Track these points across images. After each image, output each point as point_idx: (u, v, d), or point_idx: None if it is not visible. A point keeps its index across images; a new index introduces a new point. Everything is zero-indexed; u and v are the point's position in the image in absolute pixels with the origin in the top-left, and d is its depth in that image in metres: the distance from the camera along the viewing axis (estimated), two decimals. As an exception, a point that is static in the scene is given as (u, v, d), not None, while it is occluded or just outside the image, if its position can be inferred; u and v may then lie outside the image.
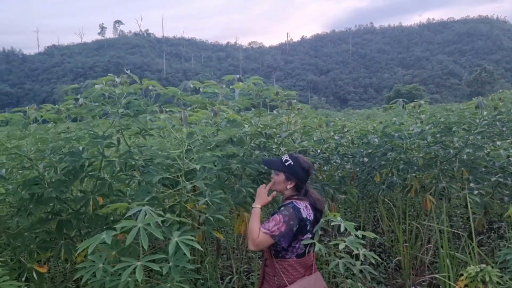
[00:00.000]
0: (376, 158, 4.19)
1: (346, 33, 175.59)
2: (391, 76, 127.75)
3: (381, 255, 5.20)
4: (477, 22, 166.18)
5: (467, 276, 2.57)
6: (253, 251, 2.56)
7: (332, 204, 4.34)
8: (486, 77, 76.54)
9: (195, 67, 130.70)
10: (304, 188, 2.65)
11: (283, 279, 2.53)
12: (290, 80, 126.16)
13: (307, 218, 2.53)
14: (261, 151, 3.37)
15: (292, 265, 2.54)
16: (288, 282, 2.52)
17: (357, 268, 2.46)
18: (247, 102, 3.23)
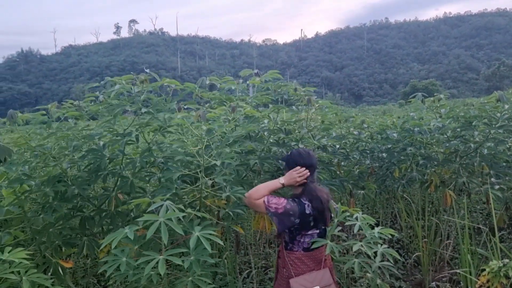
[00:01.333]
0: (395, 153, 4.15)
1: (361, 29, 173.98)
2: (406, 71, 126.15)
3: (399, 251, 5.16)
4: (495, 15, 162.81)
5: (490, 271, 2.54)
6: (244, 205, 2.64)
7: (351, 200, 4.32)
8: (505, 71, 74.98)
9: (209, 65, 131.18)
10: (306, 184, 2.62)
11: (291, 271, 2.57)
12: (304, 77, 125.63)
13: (310, 214, 2.55)
14: (280, 147, 3.37)
15: (300, 258, 2.58)
16: (295, 274, 2.55)
17: (375, 266, 2.44)
18: (265, 98, 3.24)
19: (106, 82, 2.83)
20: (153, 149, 2.80)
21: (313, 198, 2.57)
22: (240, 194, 2.55)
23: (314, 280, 2.48)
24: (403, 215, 5.21)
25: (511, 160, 4.31)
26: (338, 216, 2.52)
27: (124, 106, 2.68)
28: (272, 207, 2.48)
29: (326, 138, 3.63)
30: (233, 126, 3.13)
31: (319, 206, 2.56)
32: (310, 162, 2.63)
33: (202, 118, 2.41)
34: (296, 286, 2.46)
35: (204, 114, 2.46)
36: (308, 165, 2.61)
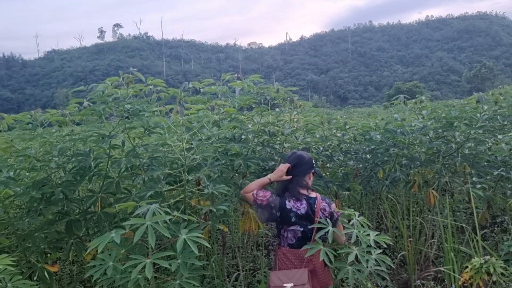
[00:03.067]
0: (379, 154, 4.21)
1: (345, 32, 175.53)
2: (391, 74, 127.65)
3: (385, 251, 5.22)
4: (476, 18, 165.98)
5: (472, 268, 2.60)
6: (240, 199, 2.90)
7: (336, 201, 4.36)
8: (486, 73, 76.50)
9: (195, 68, 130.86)
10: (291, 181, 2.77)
11: (277, 265, 2.71)
12: (290, 80, 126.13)
13: (291, 210, 2.68)
14: (265, 148, 3.41)
15: (285, 253, 2.70)
16: (279, 268, 2.68)
17: (367, 271, 2.49)
18: (247, 100, 3.26)
19: (92, 87, 2.83)
20: (138, 150, 2.81)
21: (295, 195, 2.70)
22: (224, 190, 2.58)
23: (292, 277, 2.55)
24: (388, 216, 5.27)
25: (492, 159, 4.41)
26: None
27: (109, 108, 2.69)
28: (258, 199, 2.72)
29: (309, 139, 3.67)
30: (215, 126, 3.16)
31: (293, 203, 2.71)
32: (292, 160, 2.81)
33: (180, 113, 2.43)
34: (274, 279, 2.55)
35: (182, 110, 2.49)
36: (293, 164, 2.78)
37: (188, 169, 2.68)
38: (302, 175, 2.75)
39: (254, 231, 3.20)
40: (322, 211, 2.70)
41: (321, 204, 2.72)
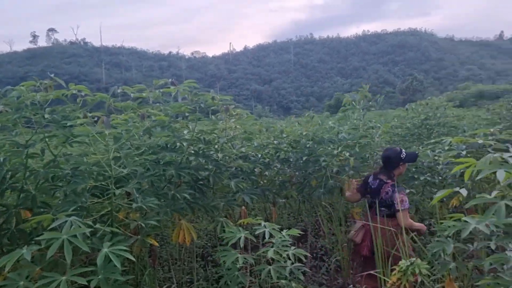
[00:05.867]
0: (310, 163, 4.26)
1: (288, 44, 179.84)
2: (331, 85, 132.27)
3: (323, 257, 5.30)
4: (408, 34, 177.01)
5: (399, 270, 2.67)
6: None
7: (273, 209, 4.36)
8: (417, 86, 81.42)
9: (136, 77, 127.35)
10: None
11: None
12: (234, 90, 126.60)
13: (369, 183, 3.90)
14: (200, 157, 3.32)
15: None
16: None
17: (288, 269, 2.48)
18: (182, 106, 3.17)
19: (6, 90, 2.60)
20: (60, 161, 2.61)
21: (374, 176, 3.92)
22: (153, 204, 2.45)
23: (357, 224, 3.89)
24: (325, 222, 5.36)
25: (419, 165, 4.62)
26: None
27: (27, 114, 2.48)
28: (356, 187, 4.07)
29: (245, 147, 3.64)
30: (146, 135, 3.03)
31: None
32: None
33: (106, 125, 2.28)
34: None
35: (108, 120, 2.33)
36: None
37: (116, 181, 2.54)
38: (391, 168, 3.78)
39: (187, 242, 3.10)
40: (386, 192, 3.69)
41: (387, 188, 3.69)
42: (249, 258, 2.45)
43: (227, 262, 2.42)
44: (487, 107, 10.78)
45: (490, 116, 8.51)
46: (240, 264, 2.42)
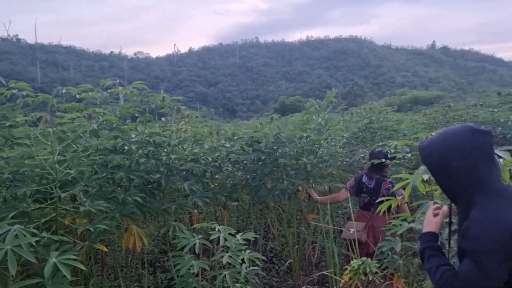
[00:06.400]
0: (268, 164, 4.28)
1: (233, 46, 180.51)
2: (276, 88, 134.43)
3: (273, 259, 5.33)
4: (349, 41, 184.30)
5: (351, 270, 2.74)
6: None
7: (224, 212, 4.32)
8: (357, 91, 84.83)
9: (75, 76, 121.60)
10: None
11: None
12: (178, 92, 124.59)
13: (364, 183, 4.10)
14: (151, 159, 3.21)
15: (357, 212, 4.24)
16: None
17: (243, 273, 2.46)
18: (130, 108, 3.05)
19: None
20: (-3, 165, 2.41)
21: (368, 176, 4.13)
22: (103, 207, 2.33)
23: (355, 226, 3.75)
24: (275, 224, 5.40)
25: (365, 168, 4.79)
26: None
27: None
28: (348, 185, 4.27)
29: (197, 149, 3.57)
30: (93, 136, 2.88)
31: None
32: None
33: (50, 124, 2.13)
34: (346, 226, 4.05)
35: (52, 119, 2.18)
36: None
37: (61, 184, 2.38)
38: (383, 167, 4.01)
39: (138, 248, 2.98)
40: (387, 189, 3.93)
41: (387, 185, 3.96)
42: (203, 264, 2.39)
43: (182, 270, 2.36)
44: (423, 112, 11.45)
45: (427, 121, 9.04)
46: (195, 271, 2.36)
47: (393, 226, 2.83)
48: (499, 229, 1.39)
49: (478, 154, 1.49)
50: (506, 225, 1.39)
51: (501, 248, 1.38)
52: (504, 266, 1.40)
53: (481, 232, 1.42)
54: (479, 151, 1.49)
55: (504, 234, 1.38)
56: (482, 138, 1.50)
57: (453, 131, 1.57)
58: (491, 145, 1.51)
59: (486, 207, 1.45)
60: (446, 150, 1.53)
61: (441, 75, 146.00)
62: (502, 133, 6.65)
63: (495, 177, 1.49)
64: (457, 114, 8.39)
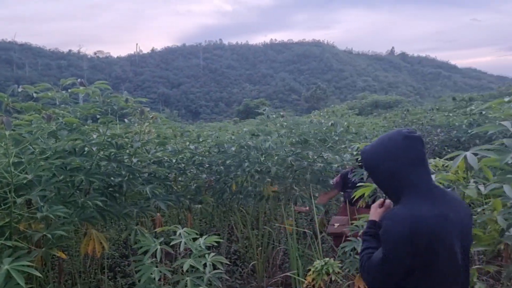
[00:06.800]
0: (232, 168, 4.26)
1: (197, 48, 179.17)
2: (240, 91, 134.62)
3: (236, 261, 5.31)
4: (312, 45, 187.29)
5: (314, 271, 2.78)
6: None
7: (188, 215, 4.27)
8: (320, 94, 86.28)
9: (31, 75, 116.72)
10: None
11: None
12: (140, 92, 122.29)
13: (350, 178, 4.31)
14: (112, 162, 3.13)
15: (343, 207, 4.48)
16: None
17: (207, 277, 2.44)
18: (92, 108, 2.96)
19: None
20: None
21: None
22: (61, 213, 2.25)
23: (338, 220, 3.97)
24: (239, 227, 5.39)
25: (328, 169, 4.86)
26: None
27: None
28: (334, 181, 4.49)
29: (160, 152, 3.51)
30: (52, 138, 2.78)
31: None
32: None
33: (6, 125, 2.04)
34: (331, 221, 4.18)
35: (8, 120, 2.08)
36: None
37: (16, 188, 2.28)
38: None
39: (98, 253, 2.89)
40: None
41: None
42: (165, 270, 2.36)
43: (143, 278, 2.31)
44: (384, 116, 11.81)
45: (387, 124, 9.33)
46: (156, 278, 2.32)
47: (355, 227, 2.90)
48: (407, 224, 1.50)
49: (407, 157, 1.61)
50: (415, 221, 1.49)
51: (406, 241, 1.49)
52: (407, 259, 1.51)
53: (391, 224, 1.55)
54: (408, 155, 1.61)
55: (410, 229, 1.48)
56: (412, 143, 1.61)
57: (388, 136, 1.70)
58: (420, 150, 1.62)
59: (406, 204, 1.58)
60: (380, 153, 1.66)
61: (400, 80, 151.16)
62: (457, 136, 6.96)
63: (423, 179, 1.60)
64: (415, 118, 8.71)
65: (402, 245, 1.50)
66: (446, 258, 1.51)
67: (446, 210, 1.54)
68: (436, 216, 1.51)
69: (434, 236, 1.48)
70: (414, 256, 1.50)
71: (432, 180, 1.65)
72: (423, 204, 1.54)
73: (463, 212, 1.62)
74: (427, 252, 1.49)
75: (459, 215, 1.57)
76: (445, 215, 1.52)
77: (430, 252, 1.49)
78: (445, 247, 1.50)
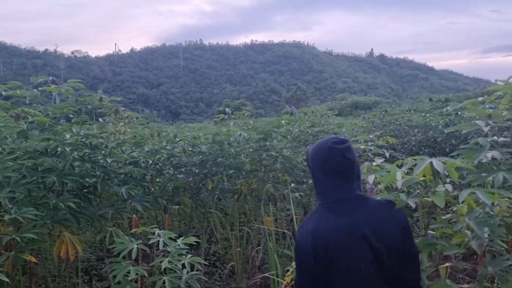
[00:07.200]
0: (208, 165, 4.23)
1: (177, 48, 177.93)
2: (220, 91, 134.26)
3: (216, 263, 5.27)
4: (292, 46, 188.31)
5: (292, 271, 2.76)
6: None
7: (165, 216, 4.21)
8: (300, 95, 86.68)
9: (5, 74, 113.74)
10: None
11: None
12: (119, 93, 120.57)
13: None
14: (86, 163, 3.04)
15: None
16: None
17: (184, 279, 2.40)
18: (65, 107, 2.88)
19: None
20: None
21: None
22: (31, 215, 2.17)
23: None
24: (218, 228, 5.35)
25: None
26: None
27: None
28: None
29: (136, 152, 3.44)
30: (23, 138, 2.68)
31: None
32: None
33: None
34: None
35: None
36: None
37: (-17, 189, 2.19)
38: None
39: (71, 256, 2.81)
40: None
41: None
42: (142, 270, 2.30)
43: (118, 276, 2.24)
44: (362, 116, 11.93)
45: (366, 124, 9.42)
46: (133, 277, 2.26)
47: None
48: (309, 237, 1.57)
49: (324, 167, 1.64)
50: (315, 235, 1.56)
51: (308, 253, 1.56)
52: (313, 269, 1.57)
53: (298, 237, 1.65)
54: (325, 165, 1.63)
55: (312, 242, 1.56)
56: (332, 154, 1.62)
57: (321, 142, 1.70)
58: (338, 161, 1.62)
59: (311, 215, 1.67)
60: (309, 159, 1.71)
61: (379, 82, 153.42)
62: (433, 137, 7.06)
63: (335, 190, 1.62)
64: (393, 118, 8.81)
65: (307, 257, 1.57)
66: (348, 267, 1.54)
67: (352, 221, 1.56)
68: (335, 228, 1.55)
69: (332, 248, 1.53)
70: (318, 267, 1.55)
71: (348, 191, 1.63)
72: (325, 215, 1.60)
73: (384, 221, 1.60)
74: (328, 262, 1.54)
75: (373, 225, 1.56)
76: (346, 227, 1.55)
77: (330, 263, 1.54)
78: (345, 257, 1.54)
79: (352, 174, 1.64)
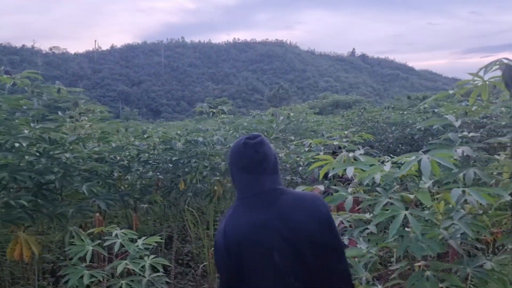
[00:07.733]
0: (180, 165, 4.07)
1: (158, 45, 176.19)
2: (202, 89, 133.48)
3: (189, 263, 5.13)
4: (275, 45, 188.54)
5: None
6: None
7: (134, 216, 4.04)
8: (283, 94, 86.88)
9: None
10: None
11: None
12: (99, 90, 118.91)
13: None
14: (43, 158, 2.87)
15: None
16: None
17: (145, 280, 2.26)
18: (19, 99, 2.70)
19: None
20: None
21: None
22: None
23: None
24: (192, 227, 5.21)
25: (284, 167, 4.78)
26: None
27: None
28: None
29: (100, 147, 3.27)
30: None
31: None
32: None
33: None
34: None
35: None
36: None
37: None
38: None
39: (26, 258, 2.63)
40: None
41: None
42: (97, 274, 2.15)
43: (70, 281, 2.09)
44: (341, 114, 11.92)
45: (345, 122, 9.39)
46: (87, 282, 2.11)
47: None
48: (222, 235, 1.59)
49: (239, 164, 1.66)
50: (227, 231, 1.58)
51: (224, 250, 1.57)
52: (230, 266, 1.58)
53: (216, 234, 1.66)
54: (240, 161, 1.65)
55: (224, 239, 1.58)
56: (246, 150, 1.64)
57: (235, 141, 1.74)
58: (251, 158, 1.63)
59: (227, 212, 1.68)
60: (228, 155, 1.75)
61: (360, 81, 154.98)
62: (410, 134, 7.06)
63: (251, 186, 1.63)
64: (371, 116, 8.79)
65: (222, 255, 1.58)
66: (261, 261, 1.54)
67: (264, 215, 1.56)
68: (246, 223, 1.57)
69: (244, 243, 1.54)
70: (232, 263, 1.56)
71: (263, 185, 1.63)
72: (238, 211, 1.62)
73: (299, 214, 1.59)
74: (242, 258, 1.55)
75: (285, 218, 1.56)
76: (257, 221, 1.56)
77: (243, 258, 1.55)
78: (257, 252, 1.54)
79: (267, 168, 1.64)
